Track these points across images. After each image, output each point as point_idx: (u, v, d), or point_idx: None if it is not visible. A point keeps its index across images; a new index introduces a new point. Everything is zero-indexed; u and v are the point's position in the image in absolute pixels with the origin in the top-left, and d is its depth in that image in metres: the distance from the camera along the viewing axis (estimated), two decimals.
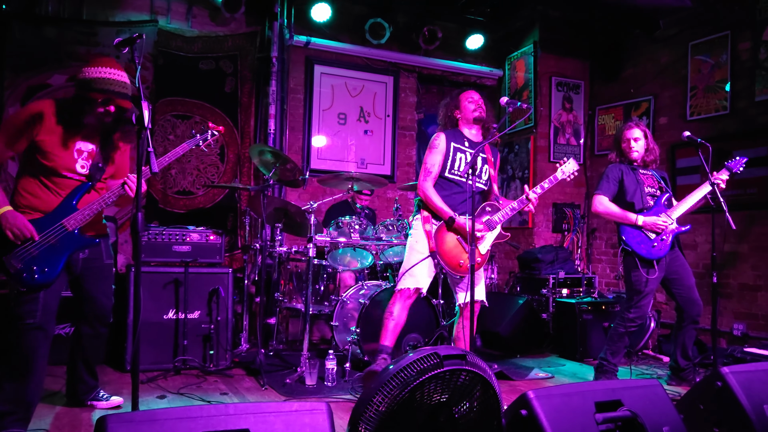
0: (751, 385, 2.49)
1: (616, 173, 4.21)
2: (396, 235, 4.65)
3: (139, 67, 2.33)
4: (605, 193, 4.17)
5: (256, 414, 1.71)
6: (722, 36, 5.52)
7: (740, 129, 5.32)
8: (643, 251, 4.01)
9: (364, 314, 4.27)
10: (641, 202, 4.13)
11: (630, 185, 4.15)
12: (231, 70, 5.93)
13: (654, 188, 4.21)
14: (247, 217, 5.35)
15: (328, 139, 6.40)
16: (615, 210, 4.12)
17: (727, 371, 2.52)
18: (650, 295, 4.11)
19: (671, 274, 4.12)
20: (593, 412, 2.11)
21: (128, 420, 1.56)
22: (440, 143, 3.85)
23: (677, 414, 2.30)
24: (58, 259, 2.85)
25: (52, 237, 2.84)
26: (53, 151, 2.87)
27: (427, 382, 1.87)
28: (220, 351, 4.36)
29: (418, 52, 6.68)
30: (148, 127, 2.30)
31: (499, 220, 3.79)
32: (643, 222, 4.02)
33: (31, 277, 2.77)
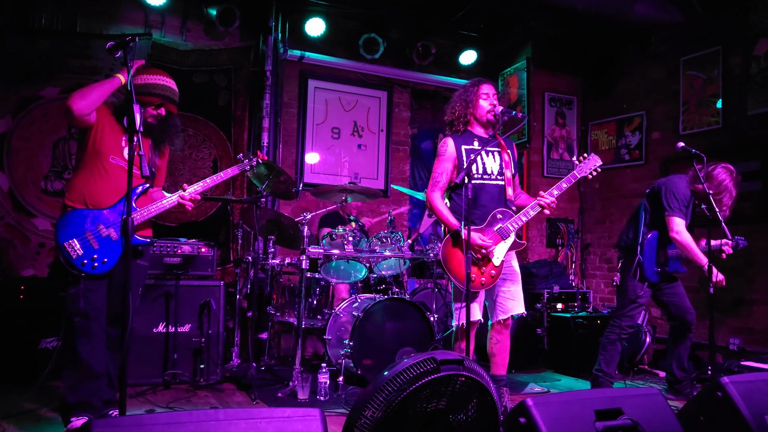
0: (751, 395, 2.45)
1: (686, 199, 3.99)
2: (390, 248, 4.61)
3: (132, 70, 2.30)
4: (684, 218, 3.91)
5: (246, 420, 1.65)
6: (713, 51, 5.56)
7: (733, 143, 5.34)
8: (648, 269, 4.04)
9: (357, 327, 4.20)
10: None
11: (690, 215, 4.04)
12: (225, 83, 5.91)
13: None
14: (239, 230, 5.30)
15: (322, 153, 6.37)
16: (695, 249, 3.89)
17: (727, 381, 2.48)
18: (643, 307, 4.13)
19: (665, 285, 4.12)
20: (593, 420, 2.06)
21: (114, 425, 1.50)
22: (448, 149, 3.56)
23: (678, 423, 2.25)
24: (116, 252, 3.03)
25: (113, 231, 3.03)
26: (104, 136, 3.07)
27: (423, 388, 1.82)
28: (211, 365, 4.28)
29: (411, 68, 6.69)
30: (140, 129, 2.26)
31: (512, 228, 3.45)
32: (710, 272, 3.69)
33: (92, 266, 2.95)
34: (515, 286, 3.57)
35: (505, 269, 3.51)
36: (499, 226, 3.47)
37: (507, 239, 3.47)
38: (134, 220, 3.02)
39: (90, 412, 2.97)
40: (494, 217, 3.48)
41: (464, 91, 3.64)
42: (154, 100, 3.14)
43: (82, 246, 2.95)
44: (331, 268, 4.68)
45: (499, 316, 3.55)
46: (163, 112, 3.18)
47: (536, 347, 5.47)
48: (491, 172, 3.54)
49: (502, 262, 3.46)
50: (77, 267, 2.93)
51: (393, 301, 4.41)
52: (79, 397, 2.97)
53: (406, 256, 4.67)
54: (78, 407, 2.97)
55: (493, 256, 3.43)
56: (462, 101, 3.61)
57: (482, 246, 3.36)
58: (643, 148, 6.28)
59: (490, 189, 3.52)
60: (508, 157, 3.62)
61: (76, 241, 2.95)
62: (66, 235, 2.96)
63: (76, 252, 2.94)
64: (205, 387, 4.16)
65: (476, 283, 3.41)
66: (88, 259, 2.95)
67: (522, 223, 3.48)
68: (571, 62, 6.98)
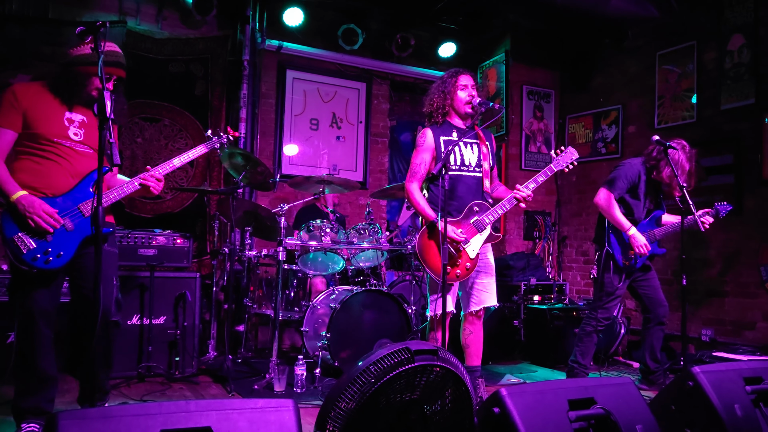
0: (721, 384, 2.48)
1: (633, 176, 4.12)
2: (368, 239, 4.59)
3: (102, 56, 2.25)
4: (615, 192, 4.08)
5: (219, 411, 1.63)
6: (688, 46, 5.62)
7: (706, 137, 5.40)
8: (620, 259, 4.10)
9: (335, 319, 4.19)
10: (639, 213, 4.17)
11: (640, 194, 4.14)
12: (202, 73, 5.84)
13: (653, 202, 4.25)
14: (216, 222, 5.25)
15: (300, 144, 6.33)
16: (616, 212, 4.05)
17: (698, 371, 2.51)
18: (619, 299, 4.20)
19: (640, 275, 4.20)
20: (566, 410, 2.07)
21: (81, 417, 1.47)
22: (427, 139, 3.53)
23: (650, 412, 2.27)
24: (73, 244, 2.76)
25: (68, 221, 2.75)
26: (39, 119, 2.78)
27: (398, 378, 1.81)
28: (186, 357, 4.23)
29: (391, 60, 6.67)
30: (110, 117, 2.21)
31: (488, 221, 3.45)
32: (632, 235, 4.02)
33: (44, 261, 2.68)
34: (489, 278, 3.59)
35: (481, 262, 3.52)
36: (475, 218, 3.46)
37: (483, 232, 3.47)
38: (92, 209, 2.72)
39: (42, 418, 2.76)
40: (471, 210, 3.47)
41: (442, 82, 3.62)
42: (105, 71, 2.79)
43: (34, 239, 2.68)
44: (308, 260, 4.65)
45: (472, 307, 3.57)
46: (110, 86, 2.83)
47: (513, 339, 5.50)
48: (469, 163, 3.54)
49: (477, 255, 3.46)
50: (28, 263, 2.64)
51: (370, 293, 4.40)
52: (30, 403, 2.76)
53: (384, 248, 4.65)
54: (30, 412, 2.76)
55: (468, 248, 3.43)
56: (440, 92, 3.60)
57: (456, 240, 3.36)
58: (620, 142, 6.33)
59: (467, 180, 3.52)
60: (486, 149, 3.62)
61: (25, 234, 2.67)
62: (13, 228, 2.66)
63: (27, 246, 2.65)
64: (180, 380, 4.11)
65: (451, 275, 3.41)
66: (41, 253, 2.67)
67: (498, 216, 3.48)
68: (550, 56, 7.01)
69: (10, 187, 2.67)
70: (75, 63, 2.81)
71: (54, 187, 2.77)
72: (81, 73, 2.81)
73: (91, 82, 2.83)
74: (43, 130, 2.78)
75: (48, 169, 2.78)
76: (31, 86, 2.86)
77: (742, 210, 5.09)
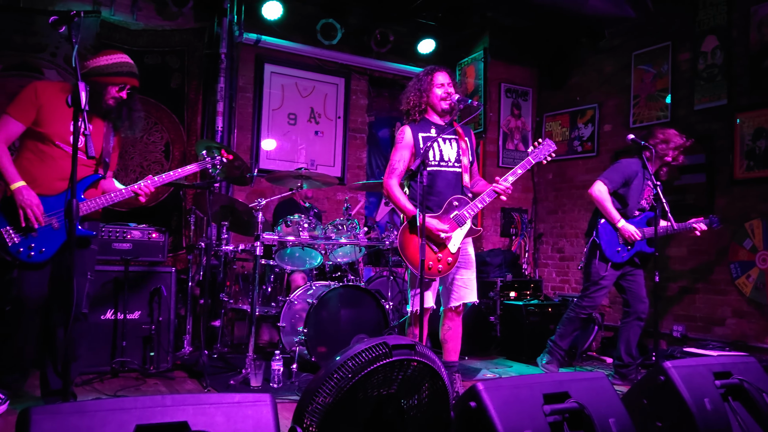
0: (692, 379, 2.54)
1: (631, 172, 4.27)
2: (346, 235, 4.59)
3: (77, 45, 2.21)
4: (609, 185, 4.24)
5: (195, 406, 1.62)
6: (663, 47, 5.71)
7: None
8: (606, 249, 4.26)
9: (312, 315, 4.18)
10: (631, 211, 4.31)
11: (634, 190, 4.28)
12: (178, 65, 5.78)
13: (647, 202, 4.36)
14: (192, 216, 5.19)
15: (278, 139, 6.30)
16: (607, 203, 4.22)
17: (669, 365, 2.56)
18: (605, 290, 4.35)
19: (628, 270, 4.35)
20: (541, 404, 2.10)
21: (54, 412, 1.45)
22: (405, 136, 3.54)
23: (623, 406, 2.32)
24: (56, 242, 2.91)
25: (55, 220, 2.90)
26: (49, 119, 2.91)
27: (375, 373, 1.82)
28: (161, 353, 4.20)
29: (369, 55, 6.67)
30: (85, 108, 2.18)
31: (468, 215, 3.48)
32: (622, 226, 4.20)
33: (27, 255, 2.84)
34: (470, 273, 3.61)
35: (461, 256, 3.54)
36: (456, 213, 3.48)
37: (463, 226, 3.50)
38: (80, 211, 2.93)
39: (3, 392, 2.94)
40: (450, 204, 3.49)
41: (418, 80, 3.63)
42: (117, 80, 3.01)
43: (18, 234, 2.85)
44: (285, 255, 4.64)
45: (452, 302, 3.60)
46: (124, 95, 3.05)
47: (489, 335, 5.55)
48: (448, 159, 3.56)
49: (458, 249, 3.49)
50: (12, 254, 2.83)
51: (348, 289, 4.40)
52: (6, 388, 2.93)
53: (362, 243, 4.66)
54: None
55: (450, 242, 3.45)
56: (416, 90, 3.61)
57: (441, 231, 3.37)
58: (596, 140, 6.42)
59: (446, 176, 3.55)
60: (466, 145, 3.64)
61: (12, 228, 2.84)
62: (2, 222, 2.84)
63: (12, 240, 2.83)
64: (155, 375, 4.08)
65: (433, 270, 3.43)
66: (24, 247, 2.84)
67: (478, 209, 3.50)
68: (528, 54, 7.06)
69: (13, 175, 2.83)
70: (91, 74, 2.94)
71: (46, 186, 2.91)
72: (97, 83, 2.95)
73: (107, 92, 2.99)
74: (49, 131, 2.90)
75: (43, 169, 2.92)
76: (53, 86, 3.01)
77: (713, 209, 5.19)
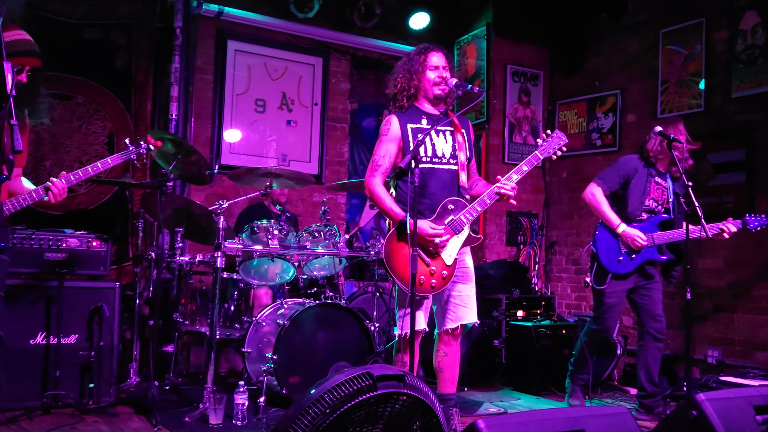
0: (729, 414, 2.55)
1: (628, 169, 4.37)
2: (324, 244, 4.59)
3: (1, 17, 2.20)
4: (604, 186, 4.36)
5: None
6: (696, 24, 5.77)
7: (715, 129, 5.55)
8: (604, 259, 4.32)
9: (283, 338, 4.18)
10: (634, 212, 4.35)
11: (635, 189, 4.34)
12: (124, 41, 5.76)
13: (658, 203, 4.40)
14: (140, 221, 5.17)
15: (243, 129, 6.29)
16: (603, 207, 4.33)
17: (703, 398, 2.58)
18: (613, 310, 4.39)
19: (642, 285, 4.39)
20: None
21: None
22: (392, 128, 3.53)
23: None
24: None
25: None
26: None
27: (357, 409, 1.82)
28: (103, 384, 4.18)
29: (352, 31, 6.67)
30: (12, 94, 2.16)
31: (466, 220, 3.46)
32: (623, 231, 4.24)
33: None
34: (468, 288, 3.60)
35: (458, 269, 3.54)
36: (451, 218, 3.47)
37: (460, 233, 3.49)
38: None
39: None
40: (445, 208, 3.48)
41: (408, 59, 3.63)
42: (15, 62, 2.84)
43: None
44: (251, 268, 4.64)
45: (448, 324, 3.59)
46: (24, 78, 2.95)
47: (492, 361, 5.56)
48: (442, 155, 3.56)
49: (454, 261, 3.48)
50: None
51: (326, 308, 4.40)
52: None
53: (343, 253, 4.66)
54: None
55: (444, 253, 3.44)
56: (405, 72, 3.61)
57: (435, 235, 3.34)
58: (617, 133, 6.47)
59: (440, 175, 3.55)
60: (462, 138, 3.64)
61: None
62: None
63: None
64: (94, 411, 4.06)
65: (425, 286, 3.39)
66: None
67: (477, 214, 3.50)
68: (538, 30, 7.10)
69: None
70: None
71: None
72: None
73: None
74: None
75: None
76: None
77: (754, 213, 5.24)
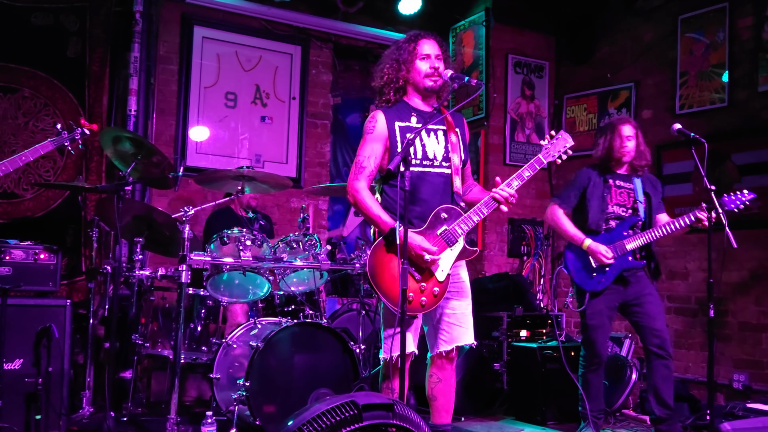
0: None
1: (582, 180, 4.57)
2: (302, 255, 4.59)
3: None
4: (562, 204, 4.60)
5: None
6: (719, 9, 5.82)
7: (740, 126, 5.60)
8: (578, 279, 4.48)
9: (256, 362, 4.17)
10: (597, 222, 4.48)
11: (593, 199, 4.49)
12: (76, 27, 5.77)
13: (625, 206, 4.49)
14: (94, 230, 5.15)
15: (212, 126, 6.29)
16: (564, 225, 4.55)
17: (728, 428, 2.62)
18: (598, 332, 4.45)
19: (631, 299, 4.44)
20: None
21: None
22: (377, 125, 3.52)
23: None
24: None
25: None
26: None
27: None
28: (51, 416, 4.15)
29: (334, 16, 6.71)
30: None
31: (460, 231, 3.44)
32: (588, 247, 4.39)
33: None
34: (463, 305, 3.59)
35: (452, 284, 3.53)
36: (444, 228, 3.45)
37: (454, 246, 3.47)
38: None
39: None
40: (437, 217, 3.46)
41: (397, 48, 3.63)
42: None
43: None
44: (221, 283, 4.63)
45: (442, 346, 3.58)
46: None
47: (493, 387, 5.57)
48: (434, 156, 3.57)
49: (447, 276, 3.47)
50: None
51: (305, 328, 4.39)
52: None
53: (324, 266, 4.65)
54: None
55: (436, 268, 3.44)
56: (394, 62, 3.60)
57: (426, 251, 3.35)
58: None
59: (432, 179, 3.54)
60: (457, 138, 3.65)
61: None
62: None
63: None
64: None
65: (414, 304, 3.38)
66: None
67: (473, 224, 3.48)
68: (543, 16, 7.14)
69: None
70: None
71: None
72: None
73: None
74: None
75: None
76: None
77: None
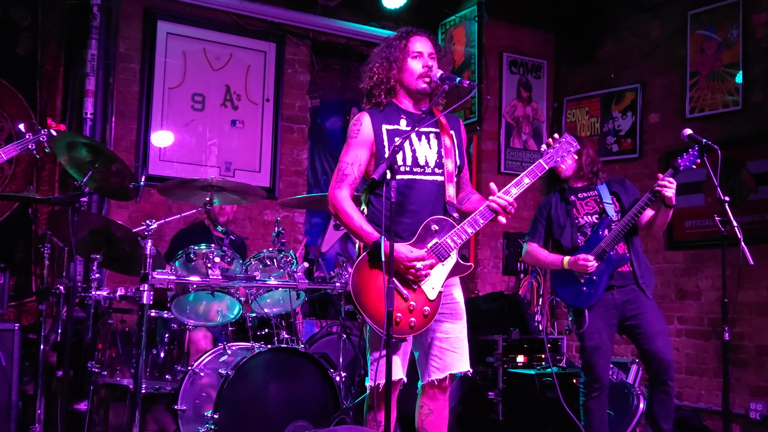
0: None
1: (543, 208, 4.78)
2: (277, 274, 4.57)
3: None
4: (532, 240, 4.75)
5: None
6: (732, 4, 5.87)
7: (756, 131, 5.63)
8: (570, 299, 4.52)
9: (226, 392, 4.15)
10: (570, 240, 4.57)
11: (558, 220, 4.61)
12: (27, 22, 5.78)
13: (595, 213, 4.54)
14: (46, 245, 5.12)
15: (177, 131, 6.28)
16: (541, 256, 4.69)
17: None
18: (597, 353, 4.43)
19: (628, 317, 4.42)
20: None
21: None
22: (363, 129, 3.51)
23: None
24: None
25: None
26: None
27: None
28: None
29: (313, 10, 6.73)
30: None
31: (453, 244, 3.41)
32: (568, 263, 4.46)
33: None
34: (457, 328, 3.57)
35: (444, 304, 3.52)
36: (435, 241, 3.42)
37: (446, 261, 3.45)
38: None
39: None
40: (428, 229, 3.43)
41: (387, 46, 3.63)
42: None
43: None
44: (187, 304, 4.61)
45: (434, 374, 3.55)
46: None
47: (487, 418, 5.55)
48: (425, 163, 3.56)
49: (439, 294, 3.45)
50: None
51: (280, 353, 4.39)
52: None
53: (301, 286, 4.63)
54: None
55: (426, 284, 3.42)
56: (383, 61, 3.60)
57: (415, 259, 3.33)
58: (638, 136, 6.53)
59: (422, 187, 3.53)
60: (451, 142, 3.64)
61: None
62: None
63: None
64: None
65: (402, 325, 3.35)
66: None
67: (468, 236, 3.46)
68: (541, 11, 7.18)
69: None
70: None
71: None
72: None
73: None
74: None
75: None
76: None
77: None
